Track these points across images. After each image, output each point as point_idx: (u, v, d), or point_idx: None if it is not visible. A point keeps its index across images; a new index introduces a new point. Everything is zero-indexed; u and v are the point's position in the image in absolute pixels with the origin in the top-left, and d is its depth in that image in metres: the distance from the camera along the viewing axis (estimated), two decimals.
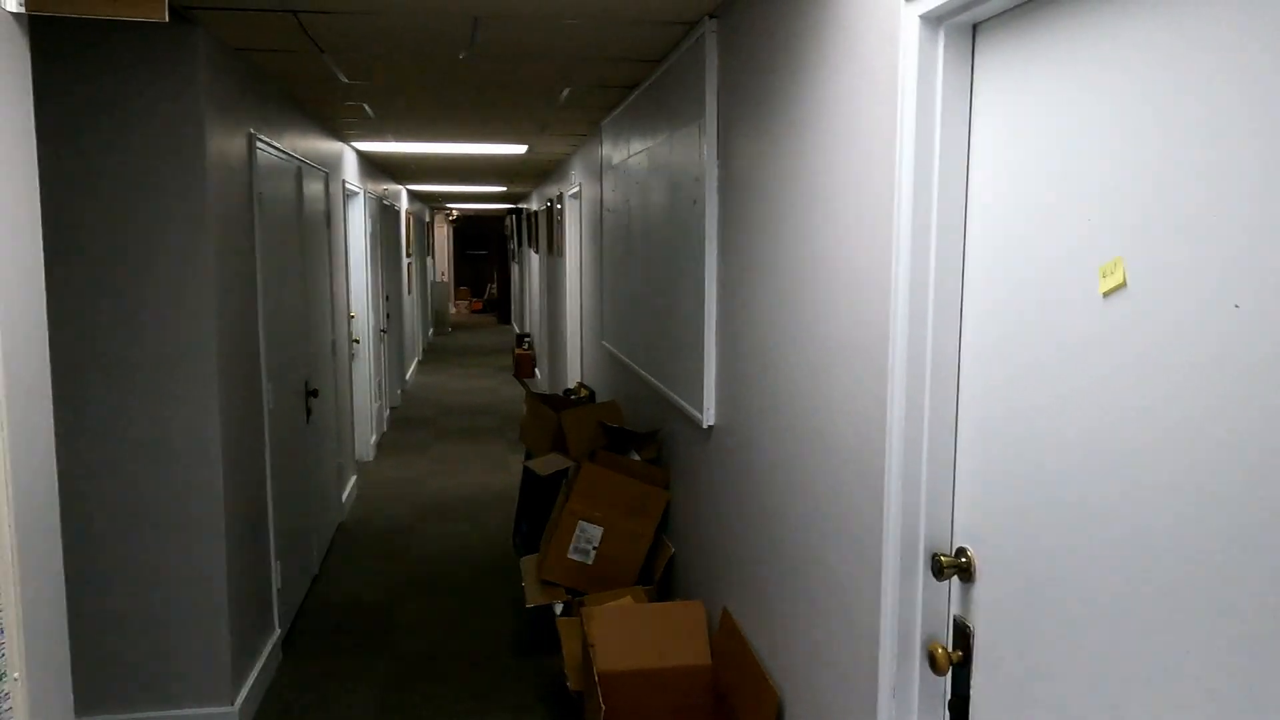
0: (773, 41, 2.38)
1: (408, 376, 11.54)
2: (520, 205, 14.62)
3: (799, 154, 2.20)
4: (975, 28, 1.56)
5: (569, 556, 3.69)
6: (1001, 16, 1.47)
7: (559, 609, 3.72)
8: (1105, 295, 1.23)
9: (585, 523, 3.67)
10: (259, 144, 3.76)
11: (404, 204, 11.32)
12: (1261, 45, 0.98)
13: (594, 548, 3.68)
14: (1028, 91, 1.40)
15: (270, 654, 3.81)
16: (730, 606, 2.91)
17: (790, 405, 2.30)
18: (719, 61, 2.92)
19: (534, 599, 3.71)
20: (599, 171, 5.73)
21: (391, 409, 9.47)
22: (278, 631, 3.97)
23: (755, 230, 2.57)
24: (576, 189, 7.04)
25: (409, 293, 11.71)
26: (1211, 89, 1.05)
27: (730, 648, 2.78)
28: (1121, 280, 1.20)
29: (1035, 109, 1.38)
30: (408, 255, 11.52)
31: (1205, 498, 1.06)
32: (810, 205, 2.13)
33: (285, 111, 4.45)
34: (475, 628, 4.31)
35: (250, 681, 3.52)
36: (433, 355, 14.46)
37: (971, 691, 1.60)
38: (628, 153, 4.58)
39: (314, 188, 5.09)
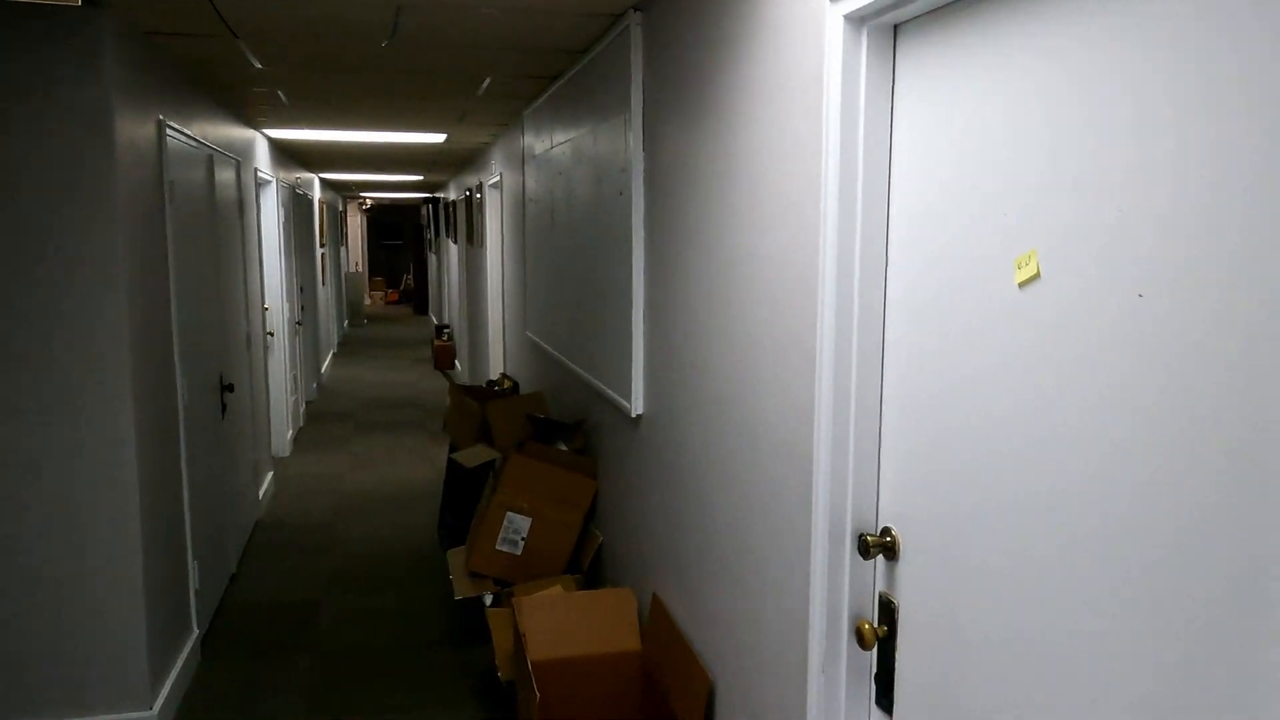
0: (699, 36, 2.42)
1: (323, 370, 11.29)
2: (437, 194, 14.41)
3: (727, 148, 2.25)
4: (896, 28, 1.62)
5: (497, 548, 3.69)
6: (921, 18, 1.54)
7: (488, 600, 3.72)
8: (1021, 286, 1.30)
9: (513, 514, 3.67)
10: (169, 131, 3.63)
11: (317, 193, 11.05)
12: (1171, 46, 1.05)
13: (522, 538, 3.69)
14: (946, 90, 1.47)
15: (189, 655, 3.71)
16: (660, 592, 2.96)
17: (719, 393, 2.35)
18: (644, 54, 2.95)
19: (462, 591, 3.70)
20: (521, 161, 5.70)
21: (308, 403, 9.26)
22: (196, 632, 3.87)
23: (683, 222, 2.61)
24: (497, 178, 6.98)
25: (323, 284, 11.44)
26: (1118, 89, 1.12)
27: (661, 633, 2.83)
28: (1035, 272, 1.27)
29: (953, 107, 1.45)
30: (321, 245, 11.25)
31: (1112, 470, 1.14)
32: (738, 198, 2.18)
33: (196, 97, 4.31)
34: (402, 623, 4.27)
35: (169, 684, 3.43)
36: (349, 348, 14.17)
37: (896, 664, 1.67)
38: (551, 143, 4.58)
39: (226, 176, 4.94)
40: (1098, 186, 1.16)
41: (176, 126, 3.75)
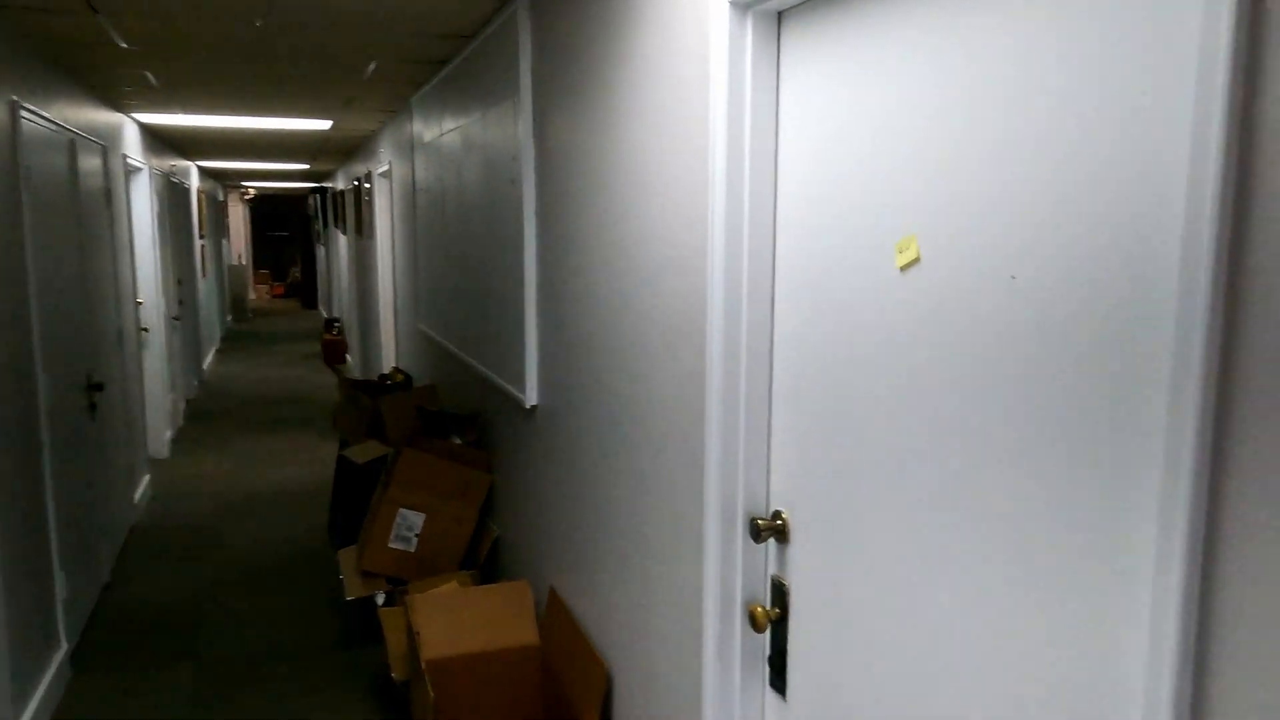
0: (586, 20, 2.39)
1: (205, 366, 10.80)
2: (325, 184, 13.95)
3: (617, 134, 2.23)
4: (780, 15, 1.63)
5: (390, 545, 3.59)
6: (803, 5, 1.55)
7: (381, 600, 3.62)
8: (902, 270, 1.33)
9: (406, 510, 3.58)
10: (24, 113, 3.39)
11: (194, 181, 10.55)
12: (1039, 36, 1.08)
13: (416, 535, 3.60)
14: (829, 76, 1.48)
15: (57, 671, 3.49)
16: (557, 584, 2.94)
17: (613, 381, 2.34)
18: (533, 39, 2.90)
19: (354, 591, 3.59)
20: (410, 149, 5.56)
21: (188, 401, 8.84)
22: (65, 646, 3.64)
23: (575, 210, 2.58)
24: (386, 167, 6.80)
25: (203, 276, 10.94)
26: (991, 76, 1.15)
27: (558, 625, 2.80)
28: (916, 255, 1.29)
29: (836, 93, 1.47)
30: (201, 237, 10.75)
31: (990, 451, 1.18)
32: (629, 185, 2.17)
33: (56, 78, 4.04)
34: (292, 626, 4.12)
35: (34, 703, 3.22)
36: (233, 343, 13.60)
37: (789, 645, 1.69)
38: (440, 130, 4.47)
39: (91, 163, 4.66)
40: (973, 170, 1.18)
41: (33, 109, 3.51)
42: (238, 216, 19.64)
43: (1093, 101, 1.00)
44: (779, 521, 1.70)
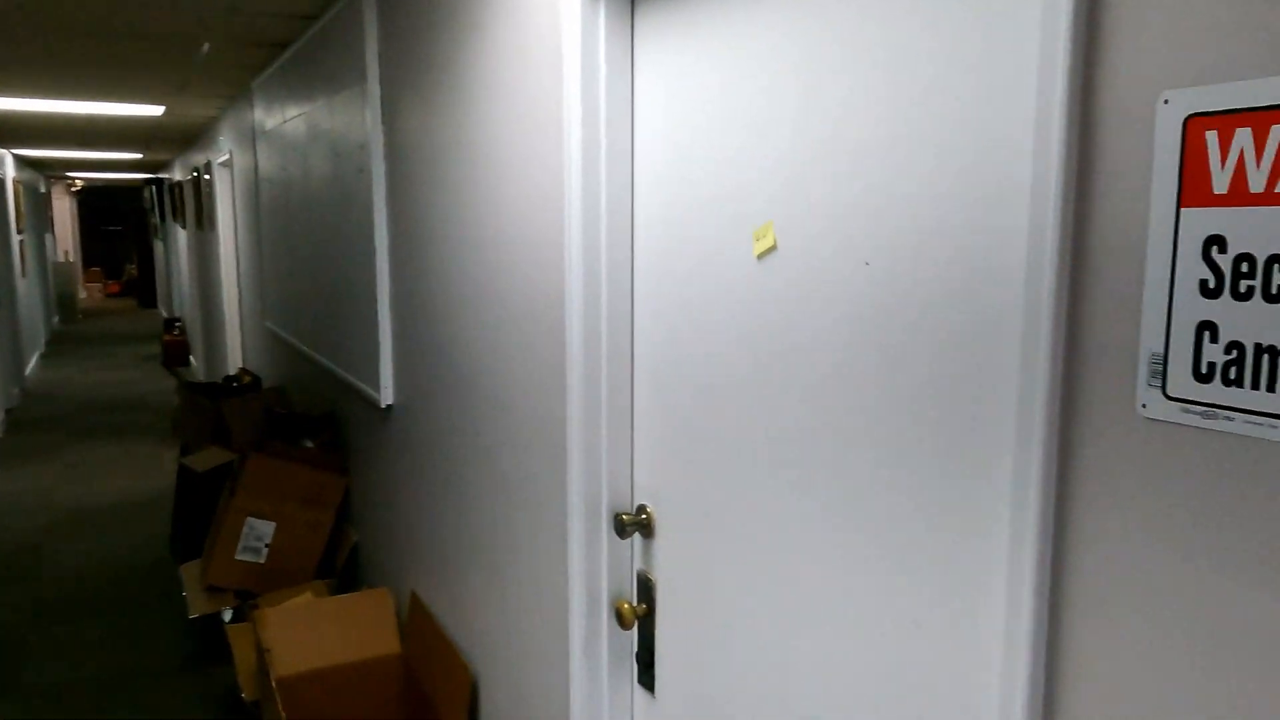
0: (436, 4, 2.29)
1: (28, 372, 9.96)
2: (161, 175, 13.10)
3: (470, 122, 2.15)
4: (634, 1, 1.59)
5: (238, 557, 3.38)
6: None
7: (228, 616, 3.41)
8: (759, 257, 1.32)
9: (254, 519, 3.38)
10: None
11: (10, 171, 9.69)
12: (895, 26, 1.08)
13: (266, 544, 3.40)
14: (685, 63, 1.46)
15: None
16: (419, 590, 2.83)
17: (472, 378, 2.26)
18: (379, 22, 2.77)
19: (198, 608, 3.36)
20: (252, 137, 5.26)
21: (8, 411, 8.12)
22: None
23: (428, 200, 2.48)
24: (227, 156, 6.42)
25: (23, 275, 10.07)
26: (845, 64, 1.15)
27: (421, 632, 2.70)
28: (773, 243, 1.28)
29: (692, 80, 1.44)
30: (19, 232, 9.89)
31: (854, 433, 1.18)
32: (484, 174, 2.09)
33: None
34: (132, 650, 3.83)
35: None
36: (61, 346, 12.60)
37: (657, 641, 1.67)
38: (283, 117, 4.24)
39: None
40: (829, 157, 1.18)
41: None
42: (64, 210, 18.20)
43: (943, 92, 1.01)
44: (644, 516, 1.67)
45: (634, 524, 1.66)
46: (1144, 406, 0.82)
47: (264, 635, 2.69)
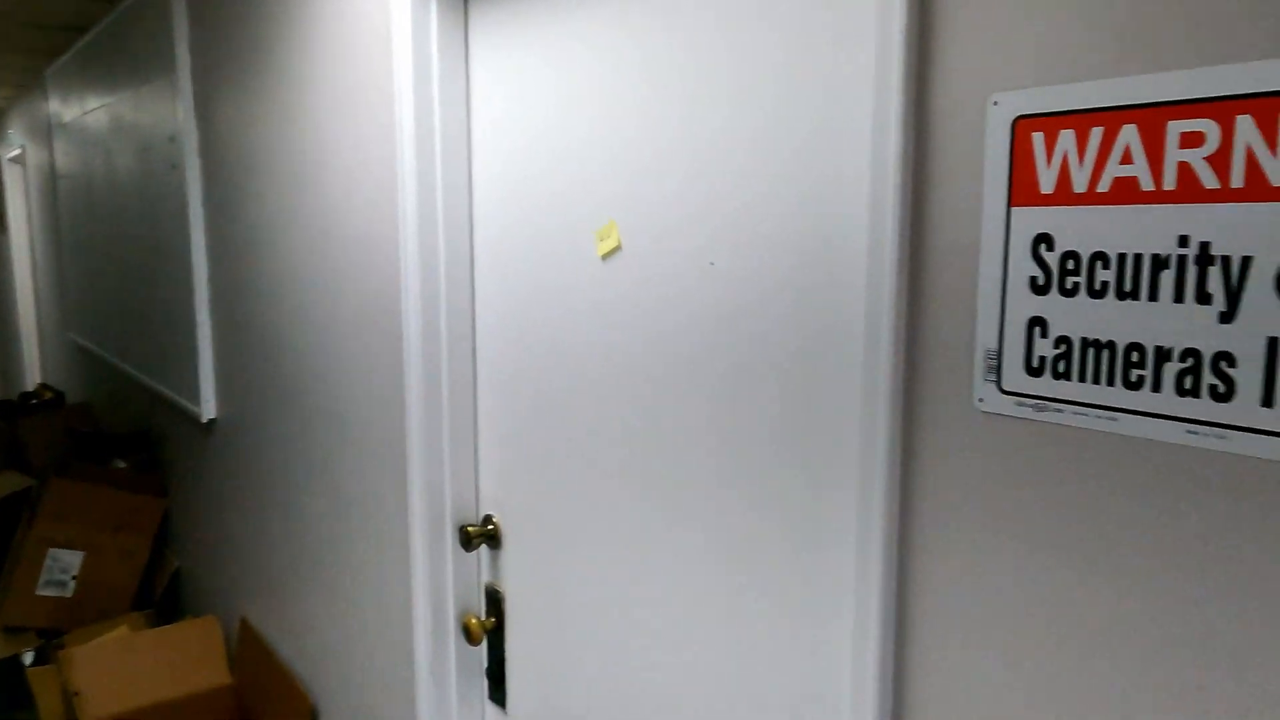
0: None
1: None
2: None
3: (296, 114, 2.02)
4: None
5: (39, 593, 3.07)
6: None
7: (29, 659, 3.09)
8: (604, 258, 1.29)
9: (58, 549, 3.07)
10: None
11: None
12: (734, 24, 1.07)
13: (73, 576, 3.11)
14: (523, 60, 1.41)
15: None
16: (251, 616, 2.65)
17: (305, 388, 2.12)
18: (189, 8, 2.57)
19: None
20: (48, 131, 4.80)
21: None
22: None
23: (251, 198, 2.32)
24: (18, 151, 5.84)
25: None
26: (687, 65, 1.13)
27: (253, 660, 2.52)
28: (617, 243, 1.26)
29: (531, 77, 1.40)
30: None
31: (701, 435, 1.16)
32: (313, 172, 1.97)
33: None
34: None
35: None
36: None
37: (507, 655, 1.61)
38: (83, 109, 3.89)
39: None
40: (671, 156, 1.16)
41: None
42: None
43: (783, 94, 1.01)
44: (490, 527, 1.61)
45: (480, 536, 1.60)
46: (981, 401, 0.84)
47: (71, 677, 2.44)
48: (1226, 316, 0.68)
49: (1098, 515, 0.77)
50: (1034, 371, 0.80)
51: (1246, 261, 0.67)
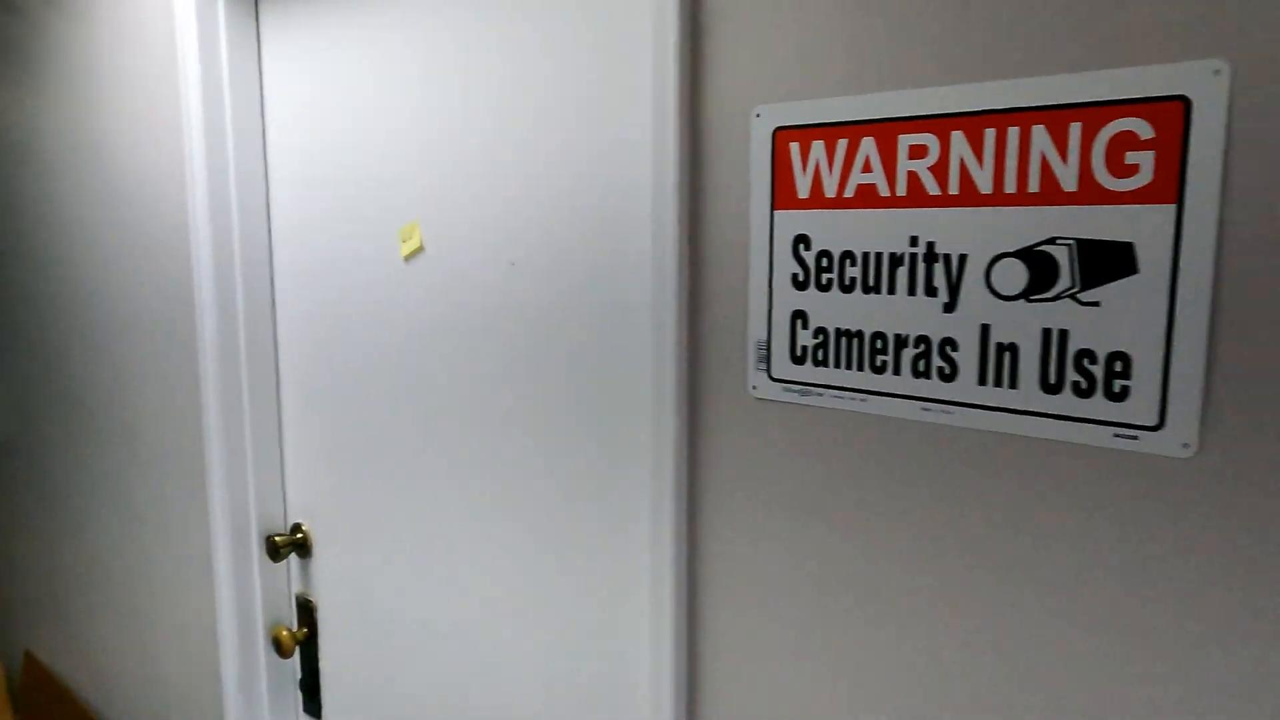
0: None
1: None
2: None
3: (79, 110, 1.89)
4: None
5: None
6: None
7: None
8: (407, 259, 1.29)
9: None
10: None
11: None
12: (526, 31, 1.10)
13: None
14: (318, 59, 1.39)
15: None
16: (36, 649, 2.45)
17: (93, 398, 1.99)
18: None
19: None
20: None
21: None
22: None
23: (23, 195, 2.15)
24: None
25: None
26: (483, 71, 1.16)
27: (41, 696, 2.34)
28: (419, 244, 1.27)
29: (327, 76, 1.38)
30: None
31: (509, 432, 1.19)
32: (97, 171, 1.85)
33: None
34: None
35: None
36: None
37: (321, 665, 1.58)
38: None
39: None
40: (472, 156, 1.18)
41: None
42: None
43: (573, 103, 1.05)
44: (300, 535, 1.57)
45: (289, 545, 1.57)
46: (754, 388, 0.91)
47: None
48: (949, 307, 0.78)
49: (854, 486, 0.86)
50: (798, 360, 0.88)
51: (963, 259, 0.77)
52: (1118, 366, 0.70)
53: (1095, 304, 0.71)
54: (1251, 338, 0.65)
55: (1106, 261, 0.70)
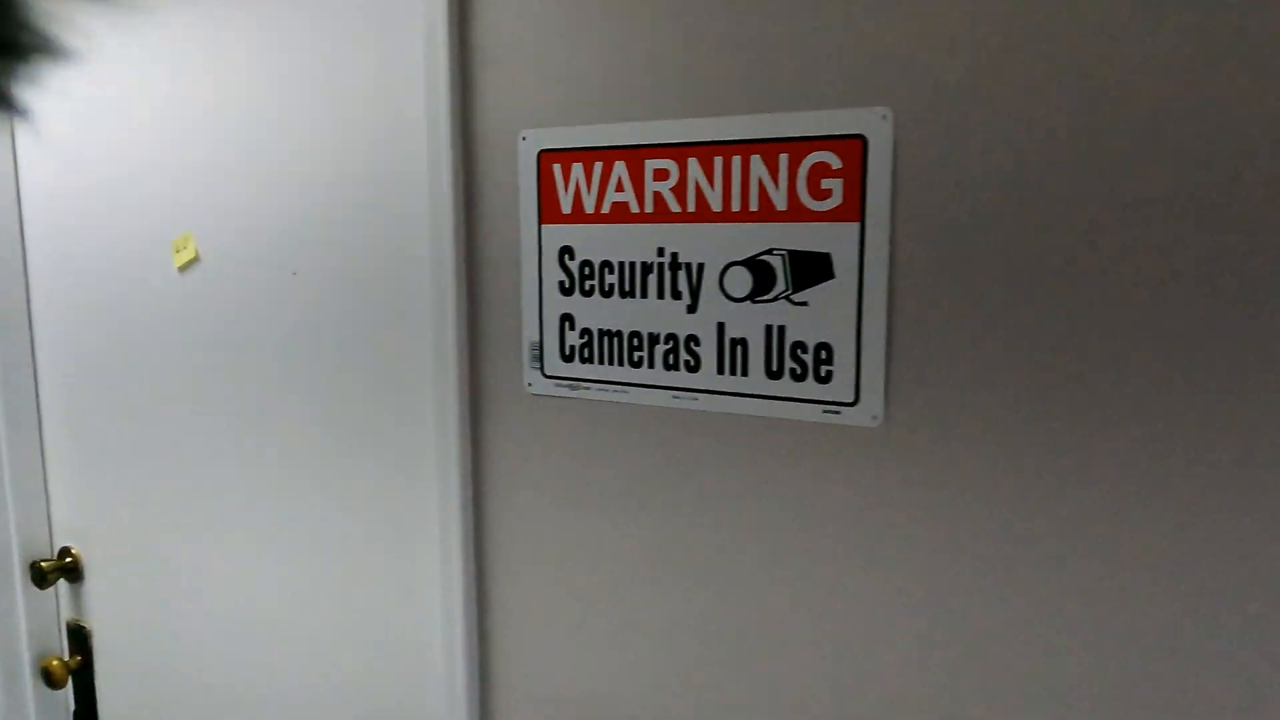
0: None
1: None
2: None
3: None
4: None
5: None
6: None
7: None
8: (181, 270, 1.29)
9: None
10: None
11: None
12: (304, 40, 1.14)
13: None
14: (82, 59, 1.35)
15: None
16: None
17: None
18: None
19: None
20: None
21: None
22: None
23: None
24: None
25: None
26: (262, 88, 1.18)
27: None
28: (194, 254, 1.27)
29: (93, 78, 1.34)
30: None
31: (291, 440, 1.22)
32: None
33: None
34: None
35: None
36: None
37: (98, 694, 1.53)
38: None
39: None
40: (251, 165, 1.20)
41: None
42: None
43: (353, 116, 1.10)
44: (69, 559, 1.51)
45: (57, 570, 1.50)
46: (530, 385, 1.01)
47: None
48: (691, 308, 0.91)
49: (618, 466, 0.98)
50: (567, 358, 0.98)
51: (701, 267, 0.90)
52: (823, 355, 0.86)
53: (805, 304, 0.86)
54: (920, 328, 0.81)
55: (812, 269, 0.85)
